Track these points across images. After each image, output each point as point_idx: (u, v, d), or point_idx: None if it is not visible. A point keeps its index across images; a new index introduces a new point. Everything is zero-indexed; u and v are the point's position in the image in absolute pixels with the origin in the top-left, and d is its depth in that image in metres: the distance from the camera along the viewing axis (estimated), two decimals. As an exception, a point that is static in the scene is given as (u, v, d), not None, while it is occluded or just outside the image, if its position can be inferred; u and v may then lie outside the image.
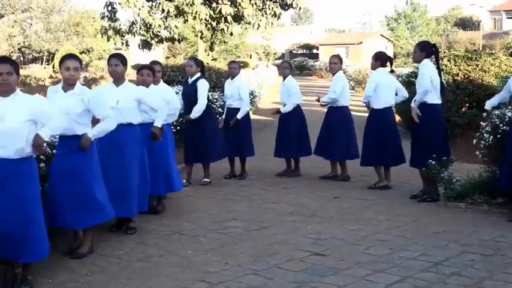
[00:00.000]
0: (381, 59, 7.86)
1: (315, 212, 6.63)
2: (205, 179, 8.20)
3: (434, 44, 7.23)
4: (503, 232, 5.64)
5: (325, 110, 8.69)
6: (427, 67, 6.92)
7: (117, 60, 5.79)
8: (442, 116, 7.29)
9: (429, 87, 6.83)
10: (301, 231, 5.81)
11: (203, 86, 7.94)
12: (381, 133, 7.73)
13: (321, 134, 8.61)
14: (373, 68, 7.92)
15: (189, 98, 7.94)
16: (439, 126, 7.02)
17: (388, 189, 7.70)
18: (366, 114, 8.06)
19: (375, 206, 6.86)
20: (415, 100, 7.01)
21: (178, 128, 8.86)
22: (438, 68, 7.02)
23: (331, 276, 4.51)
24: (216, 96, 12.13)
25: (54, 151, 5.15)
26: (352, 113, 8.78)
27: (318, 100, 8.71)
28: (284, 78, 8.80)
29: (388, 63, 7.93)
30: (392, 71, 8.17)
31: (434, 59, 7.01)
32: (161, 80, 7.27)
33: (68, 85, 5.02)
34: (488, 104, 6.80)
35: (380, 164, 7.83)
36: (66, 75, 4.99)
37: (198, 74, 7.99)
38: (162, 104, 6.17)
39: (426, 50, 7.01)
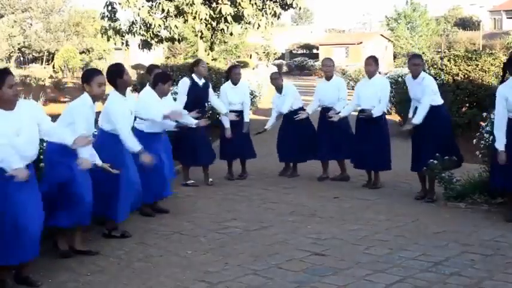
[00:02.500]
0: (378, 64, 7.82)
1: (315, 212, 6.63)
2: (211, 179, 8.19)
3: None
4: (503, 232, 5.64)
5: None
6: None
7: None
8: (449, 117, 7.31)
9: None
10: (301, 231, 5.81)
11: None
12: (383, 137, 7.78)
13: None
14: (374, 73, 7.72)
15: (201, 99, 8.05)
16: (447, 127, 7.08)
17: (387, 189, 7.69)
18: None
19: (375, 206, 6.86)
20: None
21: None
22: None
23: (331, 276, 4.51)
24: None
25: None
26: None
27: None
28: (280, 90, 8.61)
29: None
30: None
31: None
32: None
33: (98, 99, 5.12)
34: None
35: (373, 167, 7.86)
36: (99, 92, 5.04)
37: None
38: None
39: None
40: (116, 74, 5.50)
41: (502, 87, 6.02)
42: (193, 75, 8.04)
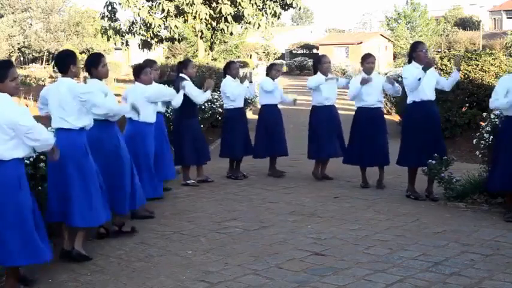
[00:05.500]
0: None
1: (315, 211, 6.63)
2: (194, 180, 8.18)
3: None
4: (503, 232, 5.64)
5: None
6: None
7: None
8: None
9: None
10: (301, 231, 5.81)
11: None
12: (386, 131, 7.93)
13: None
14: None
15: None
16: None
17: (387, 189, 7.68)
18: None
19: (375, 206, 6.86)
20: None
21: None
22: None
23: (331, 276, 4.51)
24: (216, 96, 12.12)
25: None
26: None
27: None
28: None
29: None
30: None
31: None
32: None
33: None
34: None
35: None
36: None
37: None
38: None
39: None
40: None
41: (507, 76, 6.00)
42: (183, 76, 7.87)
